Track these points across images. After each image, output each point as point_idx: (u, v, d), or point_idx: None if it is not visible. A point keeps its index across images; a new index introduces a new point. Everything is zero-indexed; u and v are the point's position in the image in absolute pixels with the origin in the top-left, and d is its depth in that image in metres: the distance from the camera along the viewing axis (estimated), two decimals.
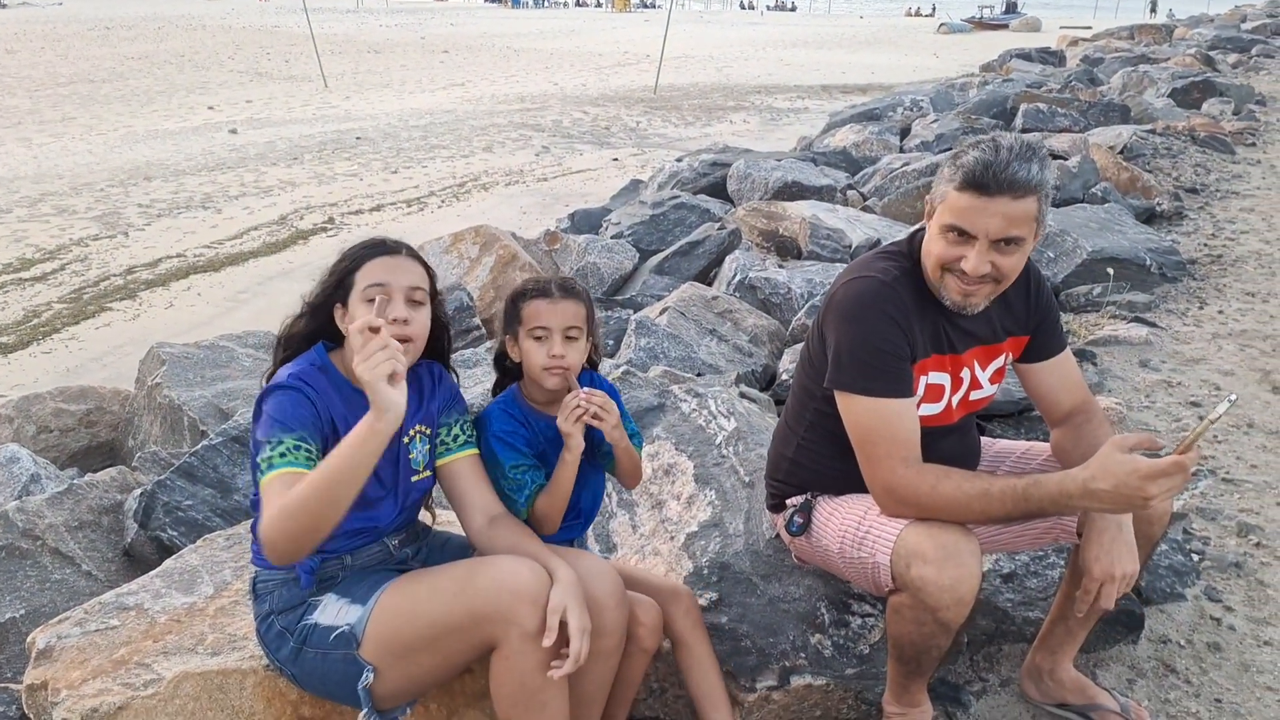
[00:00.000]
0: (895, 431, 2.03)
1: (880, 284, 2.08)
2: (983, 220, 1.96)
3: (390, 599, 1.94)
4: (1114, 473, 1.80)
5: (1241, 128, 11.05)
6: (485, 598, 1.84)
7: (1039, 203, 1.98)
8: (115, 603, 2.30)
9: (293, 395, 1.91)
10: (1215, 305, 5.56)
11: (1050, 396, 2.30)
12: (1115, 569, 1.97)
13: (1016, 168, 1.93)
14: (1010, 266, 2.02)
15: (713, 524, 2.69)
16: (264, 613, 2.03)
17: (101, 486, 3.17)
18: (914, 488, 1.98)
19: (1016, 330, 2.25)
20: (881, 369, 2.04)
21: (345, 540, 2.03)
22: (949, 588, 1.91)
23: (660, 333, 4.45)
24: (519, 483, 2.14)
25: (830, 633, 2.39)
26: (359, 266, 1.99)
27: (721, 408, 3.16)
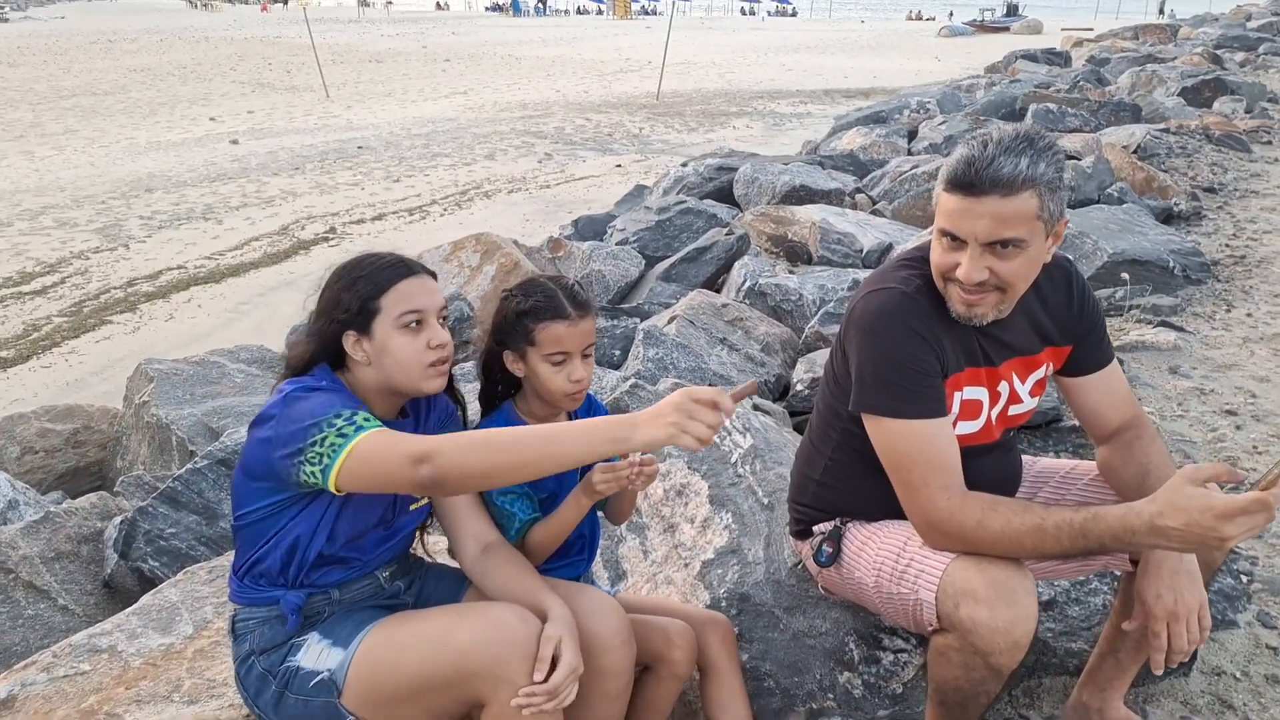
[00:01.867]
0: (931, 456, 1.84)
1: (901, 295, 1.90)
2: (970, 222, 1.78)
3: (372, 645, 1.79)
4: (1185, 509, 1.59)
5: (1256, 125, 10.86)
6: (472, 652, 1.68)
7: (1038, 199, 1.76)
8: (86, 644, 2.14)
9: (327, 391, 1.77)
10: (1243, 308, 5.37)
11: (1096, 412, 2.09)
12: (1179, 605, 1.77)
13: (1002, 162, 1.74)
14: (1011, 272, 1.81)
15: (730, 550, 2.51)
16: (244, 653, 1.86)
17: (80, 514, 2.99)
18: (958, 521, 1.79)
19: (1058, 340, 2.05)
20: (909, 388, 1.86)
21: (333, 573, 1.86)
22: (1003, 630, 1.72)
23: (669, 342, 4.27)
24: (507, 514, 1.97)
25: (860, 670, 2.21)
26: (384, 290, 1.82)
27: (737, 422, 2.99)
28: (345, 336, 1.83)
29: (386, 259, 1.87)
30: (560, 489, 2.02)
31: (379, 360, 1.83)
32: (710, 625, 2.13)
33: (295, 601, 1.83)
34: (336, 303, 1.84)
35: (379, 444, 1.66)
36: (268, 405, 1.77)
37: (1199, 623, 1.78)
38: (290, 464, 1.70)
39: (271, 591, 1.84)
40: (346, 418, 1.68)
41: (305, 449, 1.67)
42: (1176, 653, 1.77)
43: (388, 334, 1.81)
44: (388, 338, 1.81)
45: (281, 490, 1.76)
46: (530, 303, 1.95)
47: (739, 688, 2.10)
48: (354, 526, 1.84)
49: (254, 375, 4.19)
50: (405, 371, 1.82)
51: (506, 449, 1.64)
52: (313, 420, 1.68)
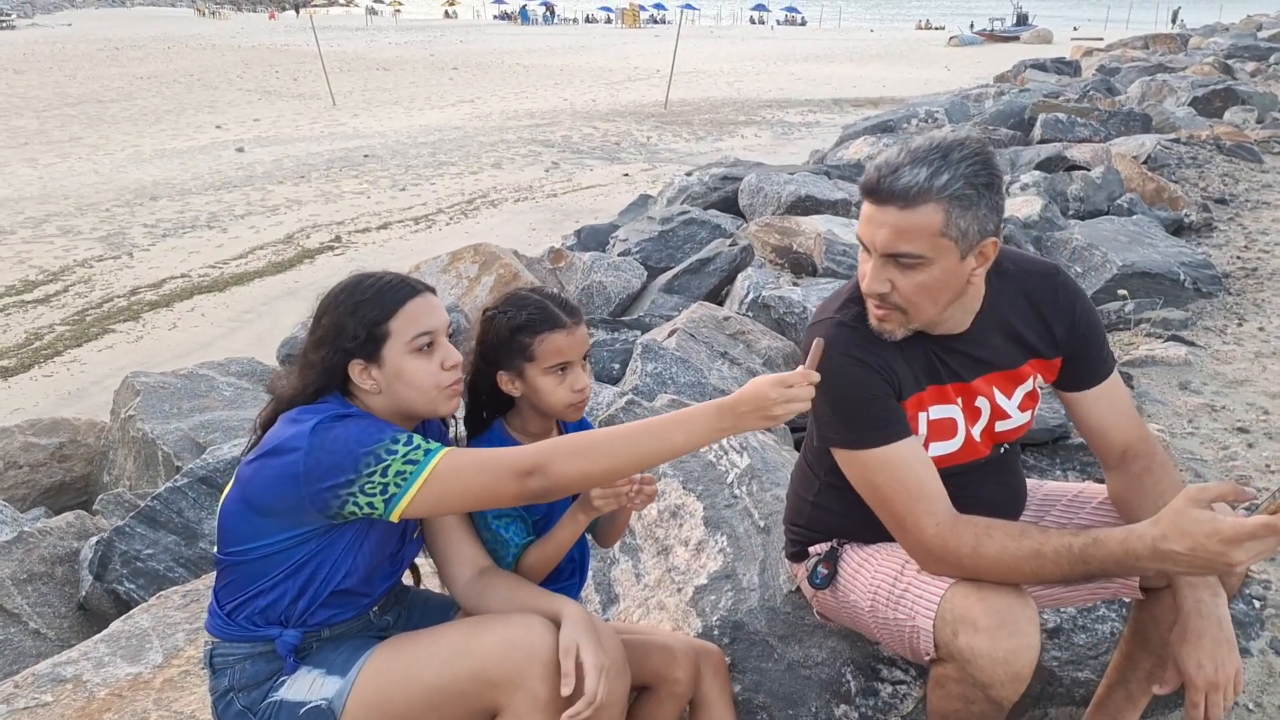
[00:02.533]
0: (907, 482, 1.76)
1: (837, 325, 1.82)
2: (872, 231, 1.72)
3: (379, 665, 1.71)
4: (1189, 533, 1.50)
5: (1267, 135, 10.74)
6: (493, 659, 1.62)
7: (942, 214, 1.66)
8: (50, 674, 2.06)
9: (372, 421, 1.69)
10: (1255, 321, 5.26)
11: (1099, 430, 1.98)
12: (1219, 675, 1.68)
13: (904, 172, 1.66)
14: (910, 289, 1.72)
15: (724, 575, 2.42)
16: (222, 689, 1.77)
17: (56, 533, 2.91)
18: (952, 549, 1.70)
19: (1045, 352, 1.94)
20: (865, 416, 1.78)
21: (340, 611, 1.78)
22: (1003, 660, 1.63)
23: (668, 356, 4.18)
24: (502, 540, 1.89)
25: (857, 703, 2.12)
26: (392, 314, 1.73)
27: (734, 441, 2.90)
28: (352, 366, 1.74)
29: (387, 280, 1.78)
30: (554, 509, 1.94)
31: (391, 387, 1.74)
32: (701, 656, 2.05)
33: (292, 642, 1.74)
34: (340, 330, 1.73)
35: (465, 463, 1.63)
36: (284, 437, 1.66)
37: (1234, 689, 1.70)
38: (334, 495, 1.61)
39: (266, 630, 1.74)
40: (408, 442, 1.62)
41: (359, 479, 1.59)
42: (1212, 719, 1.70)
43: (400, 359, 1.73)
44: (400, 363, 1.73)
45: (301, 524, 1.67)
46: (525, 316, 1.87)
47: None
48: (372, 559, 1.77)
49: (243, 389, 4.11)
50: (423, 396, 1.75)
51: (618, 451, 1.64)
52: (365, 449, 1.60)
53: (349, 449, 1.61)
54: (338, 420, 1.66)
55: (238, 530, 1.71)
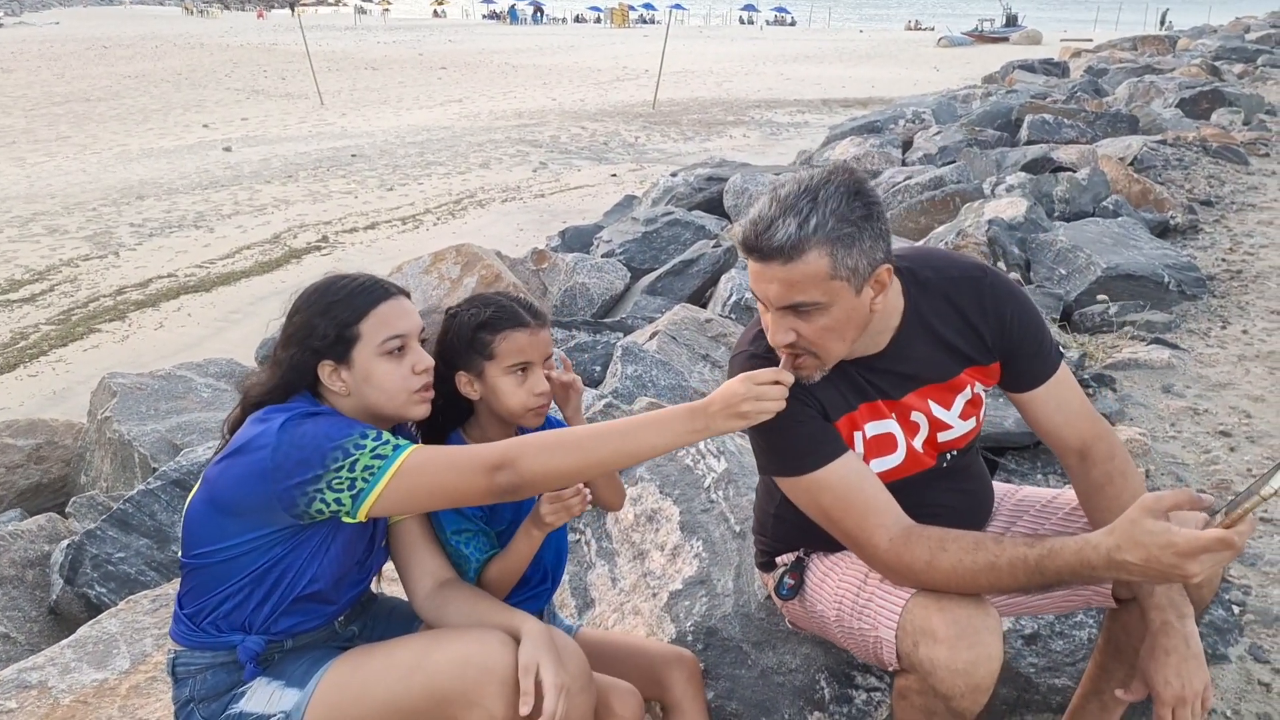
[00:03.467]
0: (851, 500, 1.74)
1: (750, 358, 1.81)
2: (762, 287, 1.69)
3: (336, 678, 1.67)
4: (1143, 544, 1.47)
5: (1254, 138, 10.78)
6: (447, 676, 1.59)
7: (827, 258, 1.62)
8: (15, 679, 2.03)
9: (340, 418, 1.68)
10: (1239, 324, 5.27)
11: (1050, 430, 1.94)
12: (1186, 691, 1.68)
13: (776, 227, 1.61)
14: (816, 334, 1.69)
15: (699, 580, 2.40)
16: (183, 699, 1.75)
17: (27, 537, 2.88)
18: (906, 563, 1.69)
19: (980, 358, 1.89)
20: (797, 442, 1.77)
21: (304, 620, 1.75)
22: (963, 672, 1.61)
23: (649, 359, 4.17)
24: (463, 555, 1.87)
25: (831, 710, 2.10)
26: (362, 316, 1.71)
27: (711, 446, 2.88)
28: (321, 366, 1.72)
29: (360, 281, 1.76)
30: (519, 517, 1.92)
31: (360, 389, 1.72)
32: (675, 662, 2.03)
33: (254, 649, 1.71)
34: (310, 330, 1.72)
35: (433, 458, 1.62)
36: (251, 435, 1.64)
37: (1202, 704, 1.69)
38: (301, 492, 1.58)
39: (229, 636, 1.71)
40: (376, 438, 1.60)
41: (327, 474, 1.57)
42: None
43: (370, 362, 1.71)
44: (370, 365, 1.71)
45: (267, 525, 1.64)
46: (488, 313, 1.86)
47: None
48: (339, 565, 1.74)
49: (222, 390, 4.08)
50: (392, 400, 1.73)
51: (587, 447, 1.63)
52: (333, 444, 1.58)
53: (317, 444, 1.59)
54: (306, 417, 1.64)
55: (202, 532, 1.68)
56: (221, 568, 1.68)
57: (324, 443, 1.59)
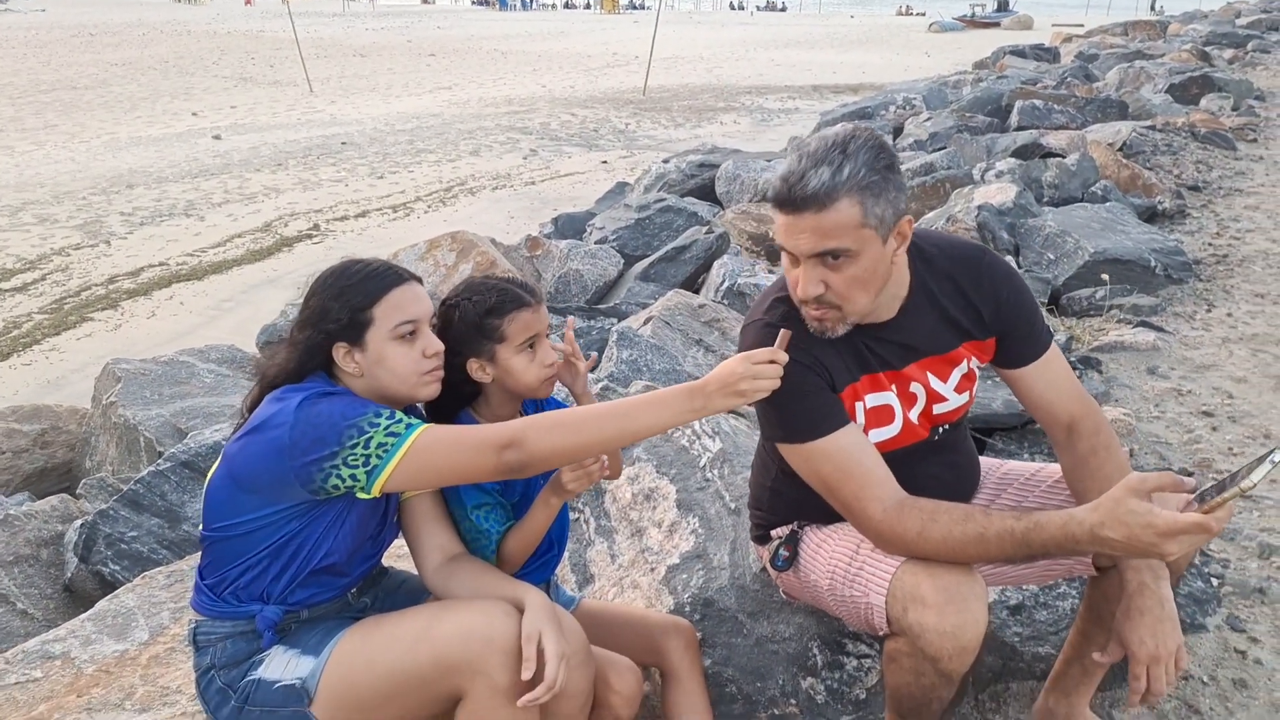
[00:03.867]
0: (850, 470, 1.82)
1: (764, 326, 1.88)
2: (794, 239, 1.76)
3: (346, 647, 1.75)
4: (1125, 523, 1.55)
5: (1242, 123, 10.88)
6: (451, 645, 1.66)
7: (858, 206, 1.71)
8: (40, 650, 2.10)
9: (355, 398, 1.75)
10: (1224, 308, 5.37)
11: (1041, 406, 2.03)
12: (1160, 650, 1.76)
13: (810, 177, 1.70)
14: (842, 284, 1.77)
15: (695, 555, 2.48)
16: (204, 666, 1.82)
17: (41, 517, 2.95)
18: (898, 533, 1.77)
19: (977, 333, 1.98)
20: (802, 412, 1.84)
21: (319, 591, 1.83)
22: (950, 634, 1.70)
23: (644, 344, 4.24)
24: (482, 531, 1.94)
25: (823, 676, 2.18)
26: (376, 300, 1.78)
27: (706, 426, 2.96)
28: (336, 348, 1.79)
29: (374, 266, 1.82)
30: (529, 492, 2.00)
31: (372, 371, 1.79)
32: (673, 630, 2.11)
33: (272, 618, 1.79)
34: (325, 313, 1.78)
35: (443, 437, 1.67)
36: (269, 414, 1.71)
37: (1175, 664, 1.77)
38: (318, 468, 1.65)
39: (247, 606, 1.79)
40: (390, 416, 1.67)
41: (342, 451, 1.64)
42: (1155, 695, 1.76)
43: (382, 345, 1.77)
44: (382, 349, 1.77)
45: (280, 501, 1.71)
46: (494, 299, 1.93)
47: (701, 694, 2.07)
48: (354, 539, 1.81)
49: (223, 375, 4.14)
50: (403, 382, 1.79)
51: (591, 427, 1.70)
52: (348, 422, 1.65)
53: (333, 422, 1.65)
54: (322, 396, 1.71)
55: (222, 506, 1.75)
56: (240, 541, 1.75)
57: (339, 421, 1.65)
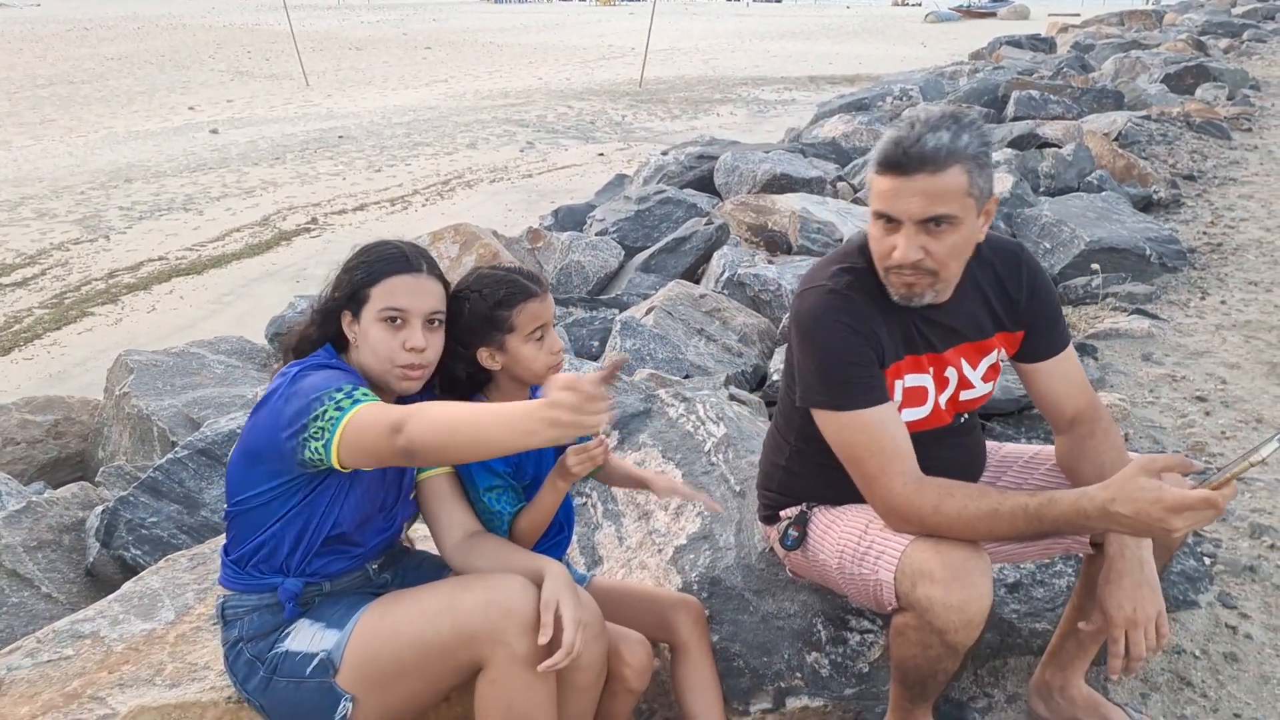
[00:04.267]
0: (882, 443, 1.89)
1: (829, 293, 1.95)
2: (903, 202, 1.81)
3: (370, 620, 1.82)
4: (1136, 499, 1.63)
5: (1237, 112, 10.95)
6: (473, 616, 1.72)
7: (966, 174, 1.80)
8: (70, 630, 2.17)
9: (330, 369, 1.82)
10: (1217, 295, 5.45)
11: (1053, 399, 2.12)
12: (1138, 614, 1.83)
13: (929, 139, 1.78)
14: (945, 251, 1.84)
15: (702, 536, 2.56)
16: (232, 639, 1.90)
17: (62, 504, 3.02)
18: (915, 507, 1.84)
19: (1009, 325, 2.08)
20: (850, 381, 1.91)
21: (334, 562, 1.90)
22: (957, 608, 1.77)
23: (646, 333, 4.31)
24: (494, 512, 2.01)
25: (827, 651, 2.26)
26: (376, 281, 1.86)
27: (710, 413, 3.03)
28: (344, 314, 1.89)
29: (390, 250, 1.90)
30: (540, 473, 2.06)
31: (362, 345, 1.87)
32: (682, 606, 2.18)
33: (293, 589, 1.86)
34: (338, 283, 1.90)
35: (367, 415, 1.68)
36: (272, 386, 1.81)
37: (1156, 631, 1.84)
38: (295, 442, 1.71)
39: (270, 579, 1.87)
40: (346, 392, 1.71)
41: (309, 424, 1.69)
42: (1135, 659, 1.83)
43: (369, 324, 1.85)
44: (369, 328, 1.86)
45: (284, 473, 1.78)
46: (503, 292, 1.99)
47: (709, 668, 2.14)
48: (361, 510, 1.88)
49: (234, 366, 4.21)
50: (378, 365, 1.86)
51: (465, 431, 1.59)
52: (315, 395, 1.71)
53: (307, 395, 1.72)
54: (316, 369, 1.80)
55: (238, 481, 1.84)
56: (255, 514, 1.83)
57: (311, 393, 1.71)
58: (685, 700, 2.12)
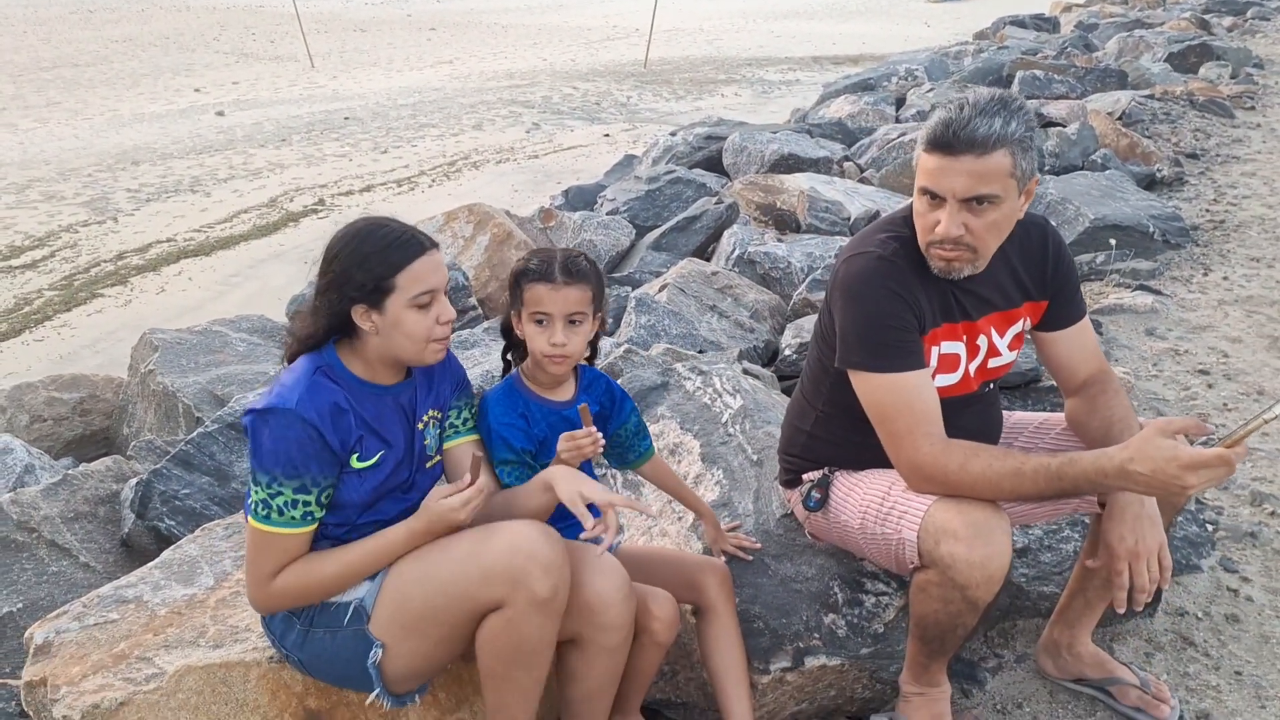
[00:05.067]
0: (914, 405, 1.98)
1: (878, 259, 2.03)
2: (949, 180, 1.91)
3: (401, 567, 1.91)
4: (1153, 458, 1.72)
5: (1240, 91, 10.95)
6: (499, 559, 1.80)
7: (1010, 157, 1.89)
8: (114, 595, 2.25)
9: (299, 431, 1.81)
10: (1220, 271, 5.51)
11: (1068, 366, 2.23)
12: (1140, 546, 1.91)
13: (978, 123, 1.87)
14: (984, 228, 1.94)
15: (721, 503, 2.64)
16: None
17: (97, 477, 3.11)
18: (941, 466, 1.93)
19: (1035, 295, 2.18)
20: (890, 344, 1.99)
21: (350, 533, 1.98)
22: (979, 564, 1.86)
23: (660, 310, 4.38)
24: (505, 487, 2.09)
25: (844, 612, 2.34)
26: (399, 269, 1.86)
27: (727, 385, 3.11)
28: (355, 309, 1.88)
29: (396, 234, 1.89)
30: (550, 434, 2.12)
31: (388, 333, 1.89)
32: (709, 569, 2.26)
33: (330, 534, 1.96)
34: (348, 279, 1.86)
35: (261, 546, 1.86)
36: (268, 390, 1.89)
37: (1159, 563, 1.91)
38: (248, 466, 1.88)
39: None
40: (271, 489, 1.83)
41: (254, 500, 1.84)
42: (1138, 590, 1.91)
43: (400, 311, 1.87)
44: (401, 315, 1.87)
45: None
46: (525, 265, 2.08)
47: (733, 628, 2.22)
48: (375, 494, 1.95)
49: (256, 344, 4.29)
50: (414, 346, 1.90)
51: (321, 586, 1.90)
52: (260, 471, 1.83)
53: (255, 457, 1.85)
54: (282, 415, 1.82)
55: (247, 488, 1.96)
56: None
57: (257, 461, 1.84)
58: (711, 660, 2.20)
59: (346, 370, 1.93)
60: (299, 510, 1.84)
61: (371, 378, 1.95)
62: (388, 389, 1.97)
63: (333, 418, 1.86)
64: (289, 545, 1.86)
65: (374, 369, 1.96)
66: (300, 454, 1.81)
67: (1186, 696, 2.37)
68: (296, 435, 1.81)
